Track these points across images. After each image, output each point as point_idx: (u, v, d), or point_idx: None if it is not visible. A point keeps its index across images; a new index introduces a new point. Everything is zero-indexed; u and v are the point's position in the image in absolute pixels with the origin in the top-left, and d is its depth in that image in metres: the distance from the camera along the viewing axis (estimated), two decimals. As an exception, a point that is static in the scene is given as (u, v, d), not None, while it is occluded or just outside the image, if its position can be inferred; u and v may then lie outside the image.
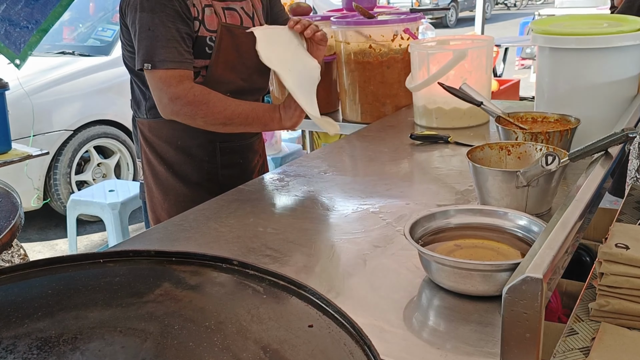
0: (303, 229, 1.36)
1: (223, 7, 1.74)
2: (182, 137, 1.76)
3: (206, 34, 1.69)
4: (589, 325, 1.18)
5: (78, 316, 0.90)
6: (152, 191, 1.83)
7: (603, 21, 1.77)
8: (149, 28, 1.61)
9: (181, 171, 1.80)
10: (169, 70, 1.61)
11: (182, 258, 1.04)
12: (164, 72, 1.61)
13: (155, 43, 1.60)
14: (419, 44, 2.17)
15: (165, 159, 1.80)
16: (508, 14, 17.35)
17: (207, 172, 1.81)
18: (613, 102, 1.67)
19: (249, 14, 1.81)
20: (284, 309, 0.91)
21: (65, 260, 1.02)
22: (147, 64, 1.60)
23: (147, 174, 1.84)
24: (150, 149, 1.81)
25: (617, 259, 1.13)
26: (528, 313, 0.72)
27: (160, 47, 1.60)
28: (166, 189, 1.81)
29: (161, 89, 1.62)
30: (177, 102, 1.61)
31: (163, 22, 1.60)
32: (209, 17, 1.70)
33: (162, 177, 1.81)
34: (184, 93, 1.61)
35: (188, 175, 1.81)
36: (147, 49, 1.61)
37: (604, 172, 1.05)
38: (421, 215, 1.14)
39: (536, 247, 0.81)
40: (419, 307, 1.04)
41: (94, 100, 4.27)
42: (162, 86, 1.61)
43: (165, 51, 1.60)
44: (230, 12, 1.76)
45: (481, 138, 1.98)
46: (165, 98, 1.61)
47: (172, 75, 1.61)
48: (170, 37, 1.61)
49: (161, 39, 1.60)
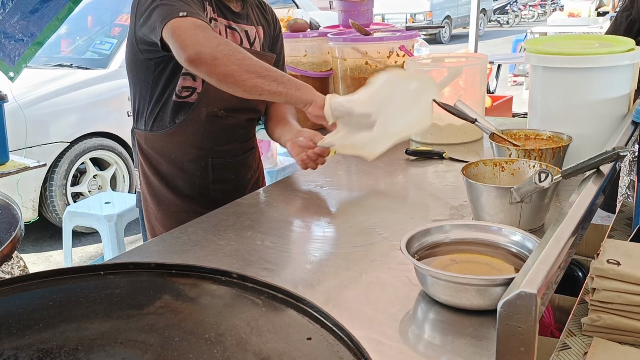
0: (300, 243, 1.38)
1: (226, 25, 1.75)
2: (175, 152, 1.78)
3: None
4: (582, 339, 1.20)
5: (79, 328, 0.91)
6: (147, 201, 1.86)
7: (594, 41, 1.81)
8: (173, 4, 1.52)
9: (174, 184, 1.82)
10: (199, 19, 1.51)
11: (181, 271, 1.05)
12: (198, 19, 1.50)
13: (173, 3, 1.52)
14: (414, 61, 2.20)
15: (159, 170, 1.82)
16: (501, 31, 17.53)
17: (198, 187, 1.82)
18: (604, 121, 1.70)
19: (250, 40, 1.81)
20: (283, 322, 0.92)
21: (66, 272, 1.03)
22: (183, 12, 1.48)
23: (142, 184, 1.87)
24: (146, 160, 1.83)
25: (608, 275, 1.16)
26: (522, 327, 0.74)
27: (193, 6, 1.54)
28: (160, 200, 1.83)
29: (198, 27, 1.48)
30: (215, 41, 1.48)
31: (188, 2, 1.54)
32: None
33: (156, 188, 1.83)
34: (217, 35, 1.52)
35: (180, 188, 1.82)
36: (180, 6, 1.51)
37: (596, 190, 1.08)
38: (417, 230, 1.16)
39: (530, 262, 0.83)
40: (415, 320, 1.06)
41: (90, 113, 4.29)
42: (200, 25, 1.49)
43: (186, 7, 1.52)
44: (232, 31, 1.76)
45: (475, 154, 2.01)
46: (201, 35, 1.47)
47: (202, 22, 1.51)
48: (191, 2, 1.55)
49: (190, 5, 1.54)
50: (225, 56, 1.47)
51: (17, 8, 2.77)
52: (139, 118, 1.83)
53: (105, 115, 4.36)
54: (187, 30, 1.48)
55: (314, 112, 1.60)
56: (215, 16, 1.72)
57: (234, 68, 1.47)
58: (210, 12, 1.70)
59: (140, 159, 1.85)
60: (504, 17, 19.63)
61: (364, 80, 2.38)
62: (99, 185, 4.47)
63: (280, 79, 1.53)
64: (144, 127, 1.81)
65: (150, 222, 1.86)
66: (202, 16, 1.55)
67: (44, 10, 2.83)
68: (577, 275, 2.00)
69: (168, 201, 1.82)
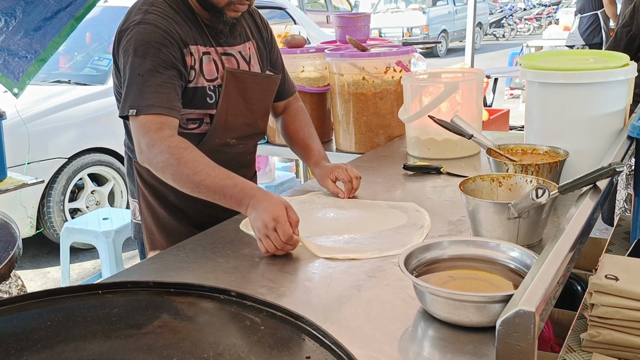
0: (299, 260, 1.38)
1: (221, 53, 1.70)
2: None
3: (206, 83, 1.66)
4: (581, 355, 1.20)
5: (77, 348, 0.91)
6: (153, 233, 1.79)
7: (589, 57, 1.83)
8: (140, 73, 1.54)
9: (182, 214, 1.76)
10: (151, 115, 1.52)
11: (180, 289, 1.05)
12: (148, 117, 1.52)
13: (144, 88, 1.53)
14: (411, 77, 2.22)
15: (166, 201, 1.76)
16: (497, 44, 17.64)
17: (208, 215, 1.70)
18: (600, 135, 1.71)
19: (246, 59, 1.78)
20: (282, 340, 0.92)
21: (64, 291, 1.03)
22: (133, 109, 1.52)
23: (145, 216, 1.79)
24: (150, 190, 1.77)
25: (607, 291, 1.16)
26: (521, 345, 0.74)
27: (150, 93, 1.53)
28: (168, 232, 1.77)
29: (140, 134, 1.53)
30: (152, 151, 1.50)
31: (155, 68, 1.54)
32: (207, 66, 1.67)
33: (164, 220, 1.77)
34: (160, 142, 1.50)
35: (189, 217, 1.77)
36: (135, 95, 1.54)
37: (593, 205, 1.08)
38: (415, 247, 1.16)
39: (528, 279, 0.83)
40: (414, 338, 1.06)
41: (89, 128, 4.30)
42: (142, 131, 1.52)
43: (154, 96, 1.53)
44: (227, 57, 1.72)
45: (472, 169, 2.02)
46: (143, 144, 1.52)
47: (154, 120, 1.52)
48: (162, 83, 1.55)
49: (151, 84, 1.54)
50: (160, 168, 1.51)
51: (20, 26, 2.79)
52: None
53: (103, 131, 4.36)
54: (135, 137, 1.55)
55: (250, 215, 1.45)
56: (207, 49, 1.67)
57: (169, 179, 1.52)
58: (199, 48, 1.65)
59: (142, 190, 1.78)
60: (500, 31, 19.75)
61: (362, 96, 2.41)
62: (97, 201, 4.46)
63: (220, 192, 1.47)
64: None
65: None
66: (159, 104, 1.52)
67: (47, 28, 2.86)
68: (576, 289, 2.00)
69: (179, 233, 1.72)
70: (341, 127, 2.54)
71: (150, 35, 1.56)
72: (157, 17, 1.59)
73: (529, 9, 22.57)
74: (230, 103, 1.70)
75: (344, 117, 2.50)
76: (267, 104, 1.85)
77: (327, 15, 11.97)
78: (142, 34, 1.57)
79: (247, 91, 1.74)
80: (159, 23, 1.58)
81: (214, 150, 1.69)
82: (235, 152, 1.78)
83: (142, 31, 1.57)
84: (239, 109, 1.73)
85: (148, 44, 1.55)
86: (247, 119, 1.76)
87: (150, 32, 1.57)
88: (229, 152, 1.75)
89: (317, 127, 2.72)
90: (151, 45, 1.55)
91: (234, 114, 1.72)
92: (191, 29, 1.65)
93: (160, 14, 1.60)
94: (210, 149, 1.68)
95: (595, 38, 6.62)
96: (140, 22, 1.58)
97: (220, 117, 1.68)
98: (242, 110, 1.74)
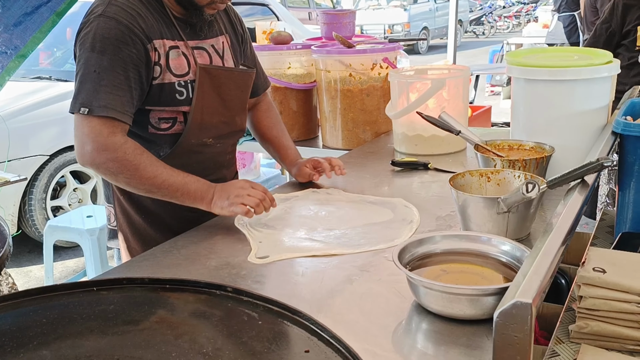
0: (290, 255, 1.38)
1: (192, 47, 1.63)
2: None
3: (174, 79, 1.58)
4: (570, 347, 1.22)
5: (74, 345, 0.91)
6: (129, 240, 1.74)
7: (574, 54, 1.86)
8: (95, 70, 1.47)
9: (160, 221, 1.70)
10: (103, 118, 1.46)
11: (176, 285, 1.05)
12: (100, 119, 1.46)
13: (99, 87, 1.46)
14: (398, 73, 2.23)
15: (142, 207, 1.70)
16: (477, 42, 17.77)
17: (188, 221, 1.63)
18: (585, 131, 1.74)
19: (219, 53, 1.71)
20: (280, 335, 0.93)
21: (58, 288, 1.03)
22: (85, 108, 1.45)
23: (121, 222, 1.75)
24: (126, 197, 1.71)
25: (595, 283, 1.18)
26: (518, 336, 0.76)
27: (105, 93, 1.46)
28: (144, 239, 1.71)
29: (88, 135, 1.46)
30: (103, 155, 1.47)
31: (113, 67, 1.47)
32: (175, 61, 1.59)
33: (139, 227, 1.72)
34: (114, 147, 1.47)
35: (167, 224, 1.70)
36: (89, 92, 1.46)
37: (582, 200, 1.10)
38: (408, 242, 1.17)
39: (523, 272, 0.84)
40: (409, 331, 1.07)
41: (71, 125, 4.22)
42: (90, 133, 1.46)
43: (109, 97, 1.47)
44: (199, 51, 1.65)
45: (459, 164, 2.04)
46: (90, 146, 1.47)
47: (105, 124, 1.47)
48: (118, 84, 1.48)
49: (107, 84, 1.47)
50: (112, 173, 1.50)
51: (0, 21, 2.75)
52: None
53: (85, 128, 4.31)
54: (80, 137, 1.49)
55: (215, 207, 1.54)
56: (175, 42, 1.60)
57: (121, 183, 1.53)
58: (166, 42, 1.58)
59: (118, 196, 1.72)
60: (479, 28, 19.91)
61: (349, 92, 2.42)
62: (79, 199, 4.41)
63: (174, 194, 1.53)
64: None
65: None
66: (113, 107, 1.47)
67: (28, 23, 2.81)
68: (560, 282, 2.04)
69: (154, 241, 1.62)
70: (328, 124, 2.54)
71: (110, 30, 1.49)
72: (119, 9, 1.51)
73: (508, 7, 22.80)
74: (206, 101, 1.64)
75: (330, 113, 2.51)
76: (243, 100, 1.79)
77: (309, 12, 11.97)
78: (102, 29, 1.49)
79: (223, 87, 1.68)
80: (120, 17, 1.50)
81: (191, 151, 1.66)
82: (213, 152, 1.73)
83: (102, 25, 1.49)
84: (215, 107, 1.67)
85: (107, 39, 1.48)
86: (223, 116, 1.71)
87: (110, 27, 1.49)
88: (207, 152, 1.71)
89: (304, 123, 2.74)
90: (110, 42, 1.48)
91: (209, 112, 1.66)
92: (157, 22, 1.57)
93: (123, 6, 1.52)
94: (187, 150, 1.65)
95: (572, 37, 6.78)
96: (102, 14, 1.50)
97: (195, 116, 1.62)
98: (218, 107, 1.68)
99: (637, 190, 1.53)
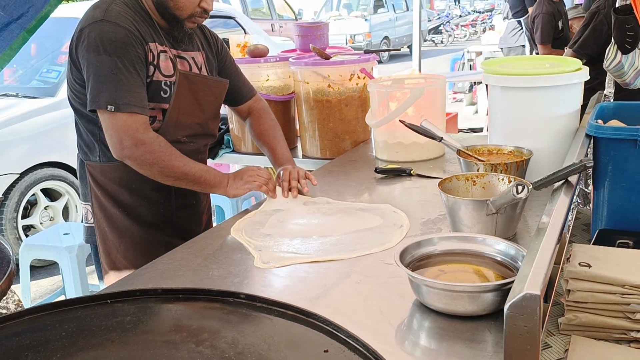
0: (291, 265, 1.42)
1: (175, 55, 1.79)
2: (137, 180, 1.77)
3: (161, 78, 1.74)
4: (560, 338, 1.29)
5: (97, 356, 0.92)
6: (106, 234, 1.82)
7: (545, 62, 1.95)
8: (112, 71, 1.61)
9: (136, 213, 1.81)
10: (134, 115, 1.64)
11: (189, 294, 1.08)
12: (129, 116, 1.63)
13: (119, 86, 1.61)
14: (377, 83, 2.30)
15: (119, 201, 1.80)
16: (436, 50, 18.13)
17: (162, 215, 1.84)
18: (558, 135, 1.83)
19: (198, 65, 1.87)
20: (297, 337, 0.96)
21: (73, 302, 1.04)
22: (111, 106, 1.61)
23: (98, 218, 1.82)
24: (103, 192, 1.81)
25: (581, 277, 1.26)
26: (528, 326, 0.82)
27: (125, 91, 1.62)
28: (121, 232, 1.81)
29: (125, 132, 1.63)
30: (141, 148, 1.64)
31: (126, 67, 1.63)
32: (164, 63, 1.74)
33: (116, 220, 1.81)
34: (150, 141, 1.66)
35: (144, 217, 1.82)
36: (111, 92, 1.61)
37: (570, 198, 1.18)
38: (408, 244, 1.23)
39: (526, 268, 0.90)
40: (414, 328, 1.12)
41: (40, 142, 4.18)
42: (128, 130, 1.63)
43: (129, 95, 1.62)
44: (181, 60, 1.81)
45: (440, 170, 2.12)
46: (128, 141, 1.63)
47: (139, 120, 1.65)
48: (134, 83, 1.64)
49: (125, 83, 1.62)
50: (149, 164, 1.67)
51: (-32, 38, 2.71)
52: (91, 151, 1.81)
53: (55, 145, 4.25)
54: (116, 134, 1.64)
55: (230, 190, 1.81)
56: (165, 48, 1.76)
57: (155, 173, 1.70)
58: (157, 46, 1.73)
59: (95, 191, 1.82)
60: (438, 37, 20.33)
61: (327, 103, 2.48)
62: (50, 217, 4.34)
63: (198, 180, 1.74)
64: (98, 159, 1.79)
65: (110, 255, 1.82)
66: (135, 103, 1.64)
67: (-3, 40, 2.78)
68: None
69: (131, 232, 1.81)
70: (307, 134, 2.59)
71: (116, 34, 1.62)
72: (118, 16, 1.65)
73: (465, 16, 23.37)
74: (182, 102, 1.79)
75: (310, 124, 2.56)
76: (216, 107, 1.96)
77: (272, 24, 12.02)
78: (107, 32, 1.62)
79: (199, 93, 1.83)
80: (121, 22, 1.65)
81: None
82: (186, 150, 1.80)
83: (106, 29, 1.62)
84: (191, 109, 1.82)
85: (115, 42, 1.62)
86: (198, 118, 1.85)
87: (115, 31, 1.63)
88: (180, 149, 1.78)
89: (283, 134, 2.78)
90: (118, 45, 1.62)
91: (185, 113, 1.80)
92: (149, 29, 1.73)
93: (120, 13, 1.67)
94: None
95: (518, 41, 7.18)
96: (103, 19, 1.63)
97: (172, 115, 1.76)
98: (193, 110, 1.83)
99: (611, 189, 1.62)
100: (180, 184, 1.74)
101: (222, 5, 8.14)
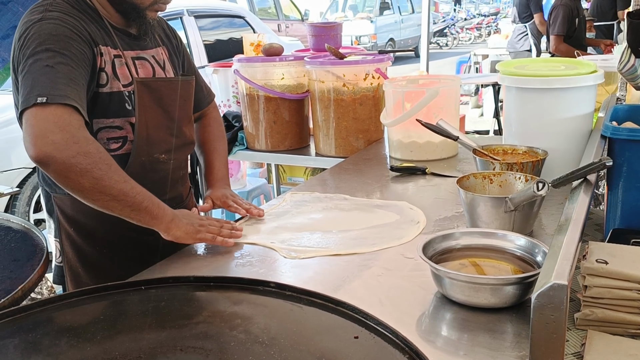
0: (313, 258, 1.45)
1: (133, 57, 1.57)
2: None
3: (122, 88, 1.52)
4: (577, 333, 1.32)
5: (136, 338, 0.96)
6: (79, 275, 1.62)
7: (560, 64, 1.99)
8: (48, 65, 1.33)
9: (116, 249, 1.60)
10: (69, 108, 1.30)
11: (220, 283, 1.11)
12: (63, 108, 1.29)
13: (55, 79, 1.31)
14: (392, 83, 2.33)
15: (95, 238, 1.59)
16: (441, 52, 18.17)
17: (147, 246, 1.52)
18: (572, 136, 1.87)
19: (160, 64, 1.66)
20: (327, 324, 1.00)
21: (109, 288, 1.08)
22: (42, 97, 1.28)
23: (70, 257, 1.61)
24: (75, 228, 1.59)
25: (598, 273, 1.29)
26: (554, 315, 0.85)
27: (62, 84, 1.32)
28: (98, 271, 1.61)
29: (55, 123, 1.27)
30: (73, 147, 1.28)
31: (67, 62, 1.35)
32: (120, 69, 1.53)
33: (92, 259, 1.61)
34: (86, 140, 1.31)
35: (124, 252, 1.61)
36: (45, 84, 1.30)
37: (590, 195, 1.21)
38: (431, 238, 1.26)
39: (550, 261, 0.93)
40: (435, 319, 1.16)
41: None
42: (58, 121, 1.28)
43: (67, 88, 1.32)
44: (141, 62, 1.60)
45: (453, 169, 2.15)
46: (58, 136, 1.27)
47: (70, 114, 1.30)
48: (74, 77, 1.35)
49: (63, 76, 1.33)
50: (80, 170, 1.29)
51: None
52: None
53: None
54: (42, 125, 1.27)
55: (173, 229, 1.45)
56: (119, 51, 1.54)
57: (85, 185, 1.30)
58: (110, 50, 1.51)
59: (65, 227, 1.59)
60: (443, 40, 20.37)
61: (342, 102, 2.51)
62: (61, 211, 4.38)
63: (138, 205, 1.37)
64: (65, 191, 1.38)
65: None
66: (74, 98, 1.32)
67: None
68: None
69: (109, 272, 1.53)
70: (321, 132, 2.62)
71: (57, 29, 1.38)
72: (60, 14, 1.43)
73: (470, 19, 23.40)
74: (148, 114, 1.57)
75: (324, 122, 2.59)
76: (187, 110, 1.74)
77: (279, 24, 12.08)
78: (47, 28, 1.38)
79: (165, 99, 1.61)
80: (64, 19, 1.42)
81: (144, 169, 1.57)
82: (167, 169, 1.64)
83: (46, 26, 1.38)
84: (159, 120, 1.60)
85: (55, 37, 1.37)
86: (169, 129, 1.63)
87: (56, 25, 1.39)
88: (161, 169, 1.63)
89: (296, 132, 2.82)
90: (59, 39, 1.37)
91: (154, 126, 1.59)
92: (99, 30, 1.50)
93: (63, 11, 1.44)
94: (140, 169, 1.56)
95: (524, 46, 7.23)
96: (42, 19, 1.40)
97: (141, 131, 1.54)
98: (162, 120, 1.61)
99: (626, 190, 1.65)
100: (111, 208, 1.35)
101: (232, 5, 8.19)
